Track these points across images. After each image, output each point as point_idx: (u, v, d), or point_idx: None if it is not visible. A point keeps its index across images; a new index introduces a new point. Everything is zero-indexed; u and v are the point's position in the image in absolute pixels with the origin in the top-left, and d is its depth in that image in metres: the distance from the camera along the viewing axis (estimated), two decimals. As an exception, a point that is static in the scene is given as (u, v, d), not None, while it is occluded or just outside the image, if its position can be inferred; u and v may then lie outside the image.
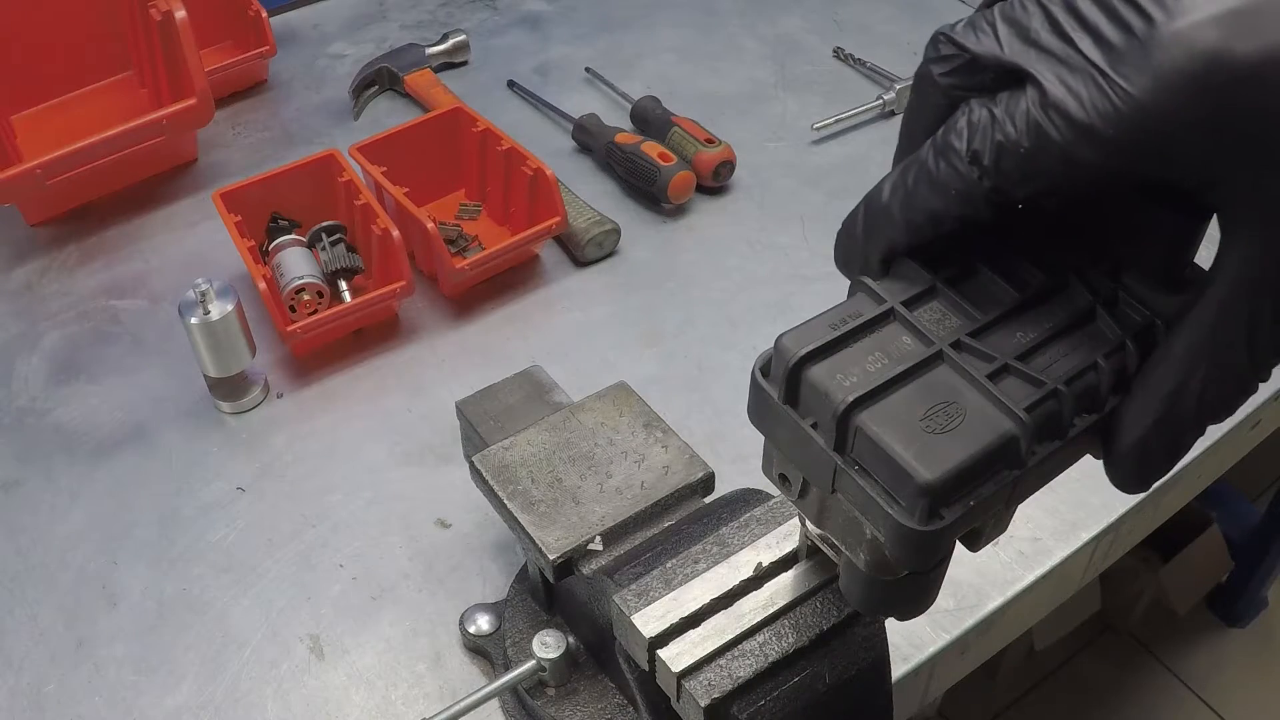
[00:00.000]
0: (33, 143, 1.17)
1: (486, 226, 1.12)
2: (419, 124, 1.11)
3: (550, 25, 1.41)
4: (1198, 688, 1.91)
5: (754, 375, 0.44)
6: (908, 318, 0.43)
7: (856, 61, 1.31)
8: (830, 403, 0.41)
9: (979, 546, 0.48)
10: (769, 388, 0.44)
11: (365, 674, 0.79)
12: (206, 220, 1.10)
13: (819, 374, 0.42)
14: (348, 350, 1.01)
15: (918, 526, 0.40)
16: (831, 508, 0.46)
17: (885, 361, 0.42)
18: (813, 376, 0.42)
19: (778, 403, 0.43)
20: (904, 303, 0.44)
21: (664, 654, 0.57)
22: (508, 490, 0.70)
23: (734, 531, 0.62)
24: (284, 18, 1.40)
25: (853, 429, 0.41)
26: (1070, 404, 0.42)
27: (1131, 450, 0.43)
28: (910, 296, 0.44)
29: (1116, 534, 0.89)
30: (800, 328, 0.43)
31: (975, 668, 0.88)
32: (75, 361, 1.01)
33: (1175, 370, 0.41)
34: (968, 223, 0.42)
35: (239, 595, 0.83)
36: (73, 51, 1.21)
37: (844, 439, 0.42)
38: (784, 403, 0.43)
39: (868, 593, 0.49)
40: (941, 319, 0.44)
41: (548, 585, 0.74)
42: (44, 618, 0.82)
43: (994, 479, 0.41)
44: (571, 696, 0.72)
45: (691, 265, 1.09)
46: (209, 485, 0.91)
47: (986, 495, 0.40)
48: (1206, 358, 0.41)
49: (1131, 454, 0.43)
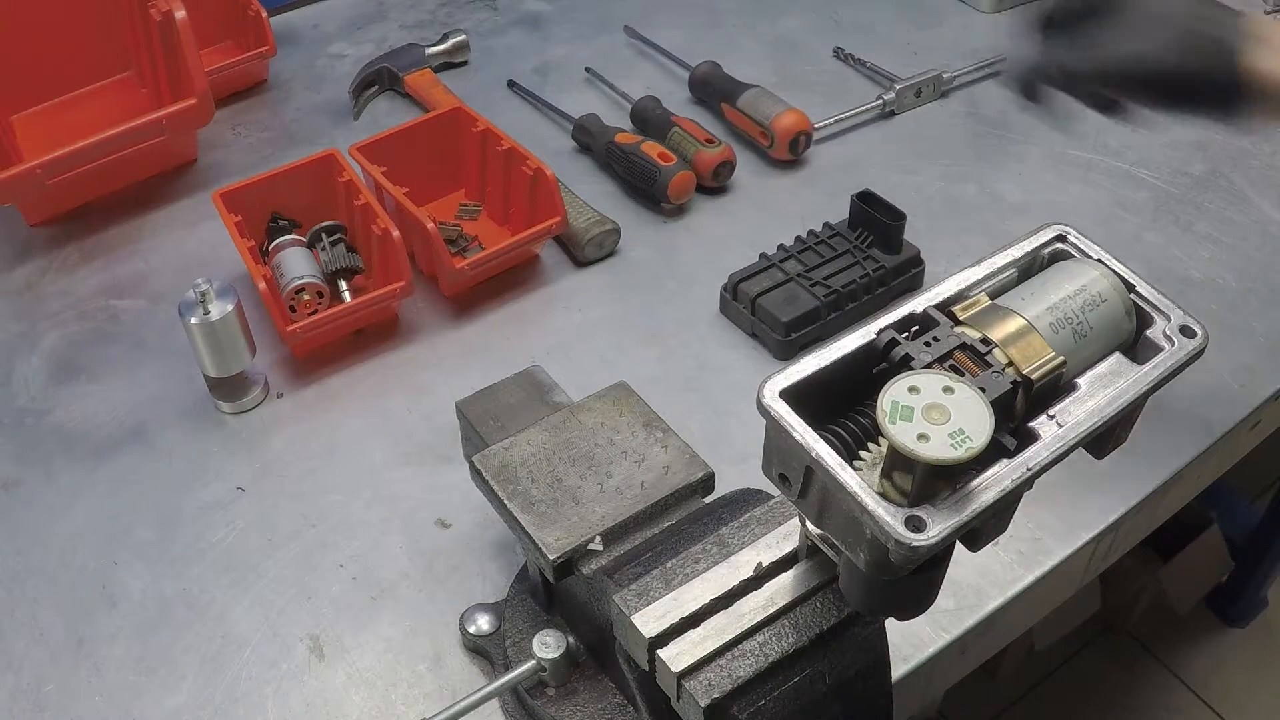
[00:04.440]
0: (32, 143, 1.17)
1: (486, 226, 1.12)
2: (419, 124, 1.11)
3: (550, 25, 1.41)
4: (1198, 687, 1.90)
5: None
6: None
7: (856, 61, 1.31)
8: None
9: (979, 546, 0.48)
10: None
11: (365, 674, 0.79)
12: (206, 220, 1.10)
13: None
14: (348, 350, 1.01)
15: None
16: (831, 507, 0.46)
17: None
18: None
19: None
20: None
21: (664, 654, 0.57)
22: (508, 490, 0.70)
23: (734, 531, 0.62)
24: (284, 18, 1.40)
25: None
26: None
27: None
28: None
29: (1116, 534, 0.89)
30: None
31: (975, 668, 0.88)
32: (75, 361, 1.01)
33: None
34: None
35: (239, 595, 0.83)
36: (72, 52, 1.21)
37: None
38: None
39: (868, 592, 0.49)
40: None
41: (548, 585, 0.74)
42: (44, 618, 0.82)
43: None
44: (571, 696, 0.72)
45: (691, 265, 1.08)
46: (209, 485, 0.91)
47: None
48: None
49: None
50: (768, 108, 1.17)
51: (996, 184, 1.17)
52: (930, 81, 1.27)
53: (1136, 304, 0.51)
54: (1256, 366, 0.98)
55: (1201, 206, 1.14)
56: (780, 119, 1.16)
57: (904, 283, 1.03)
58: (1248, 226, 1.12)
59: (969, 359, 0.46)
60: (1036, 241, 0.53)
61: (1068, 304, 0.49)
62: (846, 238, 1.04)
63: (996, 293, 0.51)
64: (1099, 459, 0.53)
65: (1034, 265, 0.53)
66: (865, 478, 0.45)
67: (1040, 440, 0.46)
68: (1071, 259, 0.52)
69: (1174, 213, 1.14)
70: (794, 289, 1.00)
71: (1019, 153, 1.21)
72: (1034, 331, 0.48)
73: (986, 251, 1.07)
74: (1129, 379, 0.49)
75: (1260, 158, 1.19)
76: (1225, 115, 1.10)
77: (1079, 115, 1.21)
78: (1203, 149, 1.20)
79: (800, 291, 0.99)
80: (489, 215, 1.13)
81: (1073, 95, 1.04)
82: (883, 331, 0.48)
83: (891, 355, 0.47)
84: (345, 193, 1.05)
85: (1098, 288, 0.50)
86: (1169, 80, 0.90)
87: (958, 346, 0.46)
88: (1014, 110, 1.26)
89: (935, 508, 0.43)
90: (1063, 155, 1.20)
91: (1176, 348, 0.50)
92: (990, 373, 0.46)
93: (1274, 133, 1.22)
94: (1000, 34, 1.36)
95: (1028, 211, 1.14)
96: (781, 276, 1.01)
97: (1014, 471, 0.45)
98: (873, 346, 0.48)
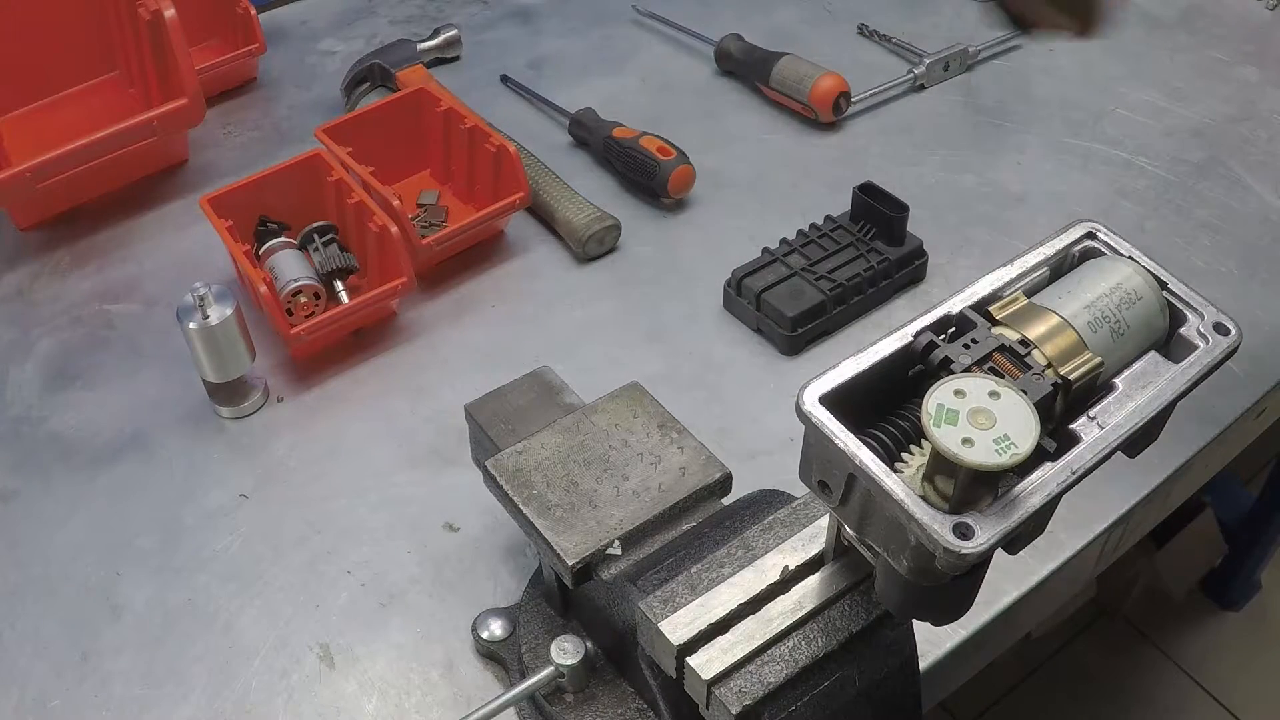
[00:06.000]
0: (20, 146, 1.15)
1: (452, 204, 1.12)
2: (383, 105, 1.12)
3: (541, 19, 1.39)
4: (1193, 671, 1.91)
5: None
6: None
7: (881, 38, 1.33)
8: None
9: (1018, 550, 0.48)
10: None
11: (377, 682, 0.78)
12: (199, 222, 1.08)
13: None
14: (347, 352, 1.00)
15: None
16: (874, 514, 0.46)
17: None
18: None
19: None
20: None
21: (693, 661, 0.56)
22: (523, 495, 0.69)
23: (758, 535, 0.61)
24: (271, 15, 1.38)
25: None
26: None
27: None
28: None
29: (1127, 525, 0.89)
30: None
31: (989, 662, 0.88)
32: (70, 368, 0.99)
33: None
34: None
35: (245, 604, 0.82)
36: (59, 52, 1.18)
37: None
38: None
39: (906, 598, 0.48)
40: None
41: (563, 590, 0.73)
42: (46, 631, 0.81)
43: None
44: (590, 702, 0.71)
45: (693, 260, 1.07)
46: (211, 492, 0.90)
47: None
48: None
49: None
50: (800, 81, 1.20)
51: (996, 174, 1.17)
52: (958, 55, 1.28)
53: (1169, 301, 0.51)
54: (1260, 354, 0.98)
55: (1201, 194, 1.14)
56: (816, 87, 1.19)
57: (908, 275, 1.03)
58: (1248, 214, 1.12)
59: (1008, 361, 0.45)
60: (1068, 239, 0.52)
61: (1104, 302, 0.48)
62: (849, 230, 1.03)
63: (1029, 292, 0.50)
64: (1132, 458, 0.52)
65: (1065, 263, 0.52)
66: (907, 483, 0.44)
67: (1083, 442, 0.45)
68: (1103, 256, 0.52)
69: (1174, 201, 1.13)
70: (798, 283, 0.99)
71: (1018, 142, 1.20)
72: (1072, 330, 0.47)
73: (989, 242, 1.08)
74: (1167, 377, 0.48)
75: (1258, 144, 1.19)
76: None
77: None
78: (1200, 135, 1.20)
79: (805, 286, 0.98)
80: (454, 193, 1.13)
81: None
82: (920, 334, 0.47)
83: (930, 358, 0.46)
84: (335, 192, 1.03)
85: (1132, 284, 0.49)
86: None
87: (997, 348, 0.45)
88: (1012, 99, 1.26)
89: (982, 514, 0.42)
90: (1061, 144, 1.20)
91: (1211, 345, 0.49)
92: (1030, 375, 0.45)
93: (1271, 118, 1.22)
94: (994, 22, 1.35)
95: (1029, 201, 1.13)
96: (785, 271, 1.00)
97: (1059, 475, 0.44)
98: (910, 349, 0.47)
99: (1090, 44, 1.34)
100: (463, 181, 1.12)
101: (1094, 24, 1.33)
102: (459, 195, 1.13)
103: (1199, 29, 1.36)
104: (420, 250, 1.01)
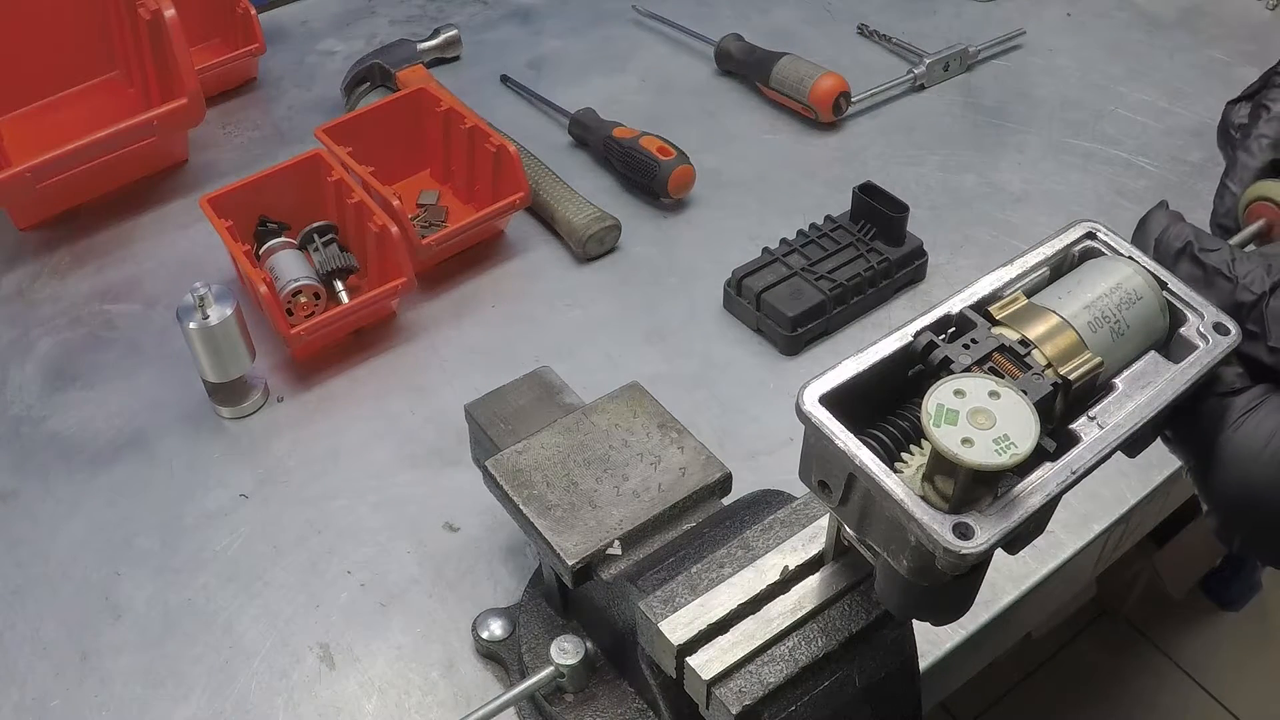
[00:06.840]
0: (19, 146, 1.15)
1: (452, 204, 1.12)
2: (384, 105, 1.11)
3: (541, 19, 1.39)
4: (1193, 671, 1.91)
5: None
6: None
7: (881, 37, 1.33)
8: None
9: (1017, 550, 0.48)
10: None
11: (377, 682, 0.78)
12: (198, 222, 1.08)
13: None
14: (347, 352, 1.00)
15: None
16: (874, 514, 0.45)
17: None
18: None
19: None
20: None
21: (693, 661, 0.56)
22: (523, 495, 0.69)
23: (758, 535, 0.61)
24: (271, 15, 1.38)
25: None
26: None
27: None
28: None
29: (1127, 525, 0.89)
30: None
31: (989, 662, 0.88)
32: (70, 368, 0.99)
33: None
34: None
35: (245, 604, 0.82)
36: (59, 52, 1.18)
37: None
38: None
39: (906, 598, 0.48)
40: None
41: (563, 590, 0.73)
42: (47, 631, 0.81)
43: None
44: (590, 702, 0.71)
45: (693, 260, 1.08)
46: (211, 492, 0.90)
47: None
48: None
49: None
50: (800, 81, 1.20)
51: (996, 174, 1.17)
52: (958, 55, 1.28)
53: (1169, 301, 0.51)
54: (1261, 354, 0.98)
55: (1201, 194, 1.13)
56: (816, 87, 1.18)
57: (908, 275, 1.03)
58: (1248, 213, 1.11)
59: (1008, 360, 0.45)
60: (1068, 239, 0.52)
61: (1104, 302, 0.48)
62: (849, 230, 1.03)
63: (1029, 292, 0.50)
64: (1132, 458, 0.52)
65: (1065, 263, 0.52)
66: (907, 483, 0.44)
67: (1082, 442, 0.45)
68: (1103, 256, 0.52)
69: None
70: (798, 283, 0.99)
71: (1018, 142, 1.20)
72: (1072, 330, 0.47)
73: (989, 242, 1.08)
74: (1167, 377, 0.48)
75: (1258, 144, 1.19)
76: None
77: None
78: (1200, 135, 1.20)
79: (805, 286, 0.98)
80: (454, 194, 1.13)
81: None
82: (920, 333, 0.47)
83: (930, 358, 0.46)
84: (335, 192, 1.03)
85: (1132, 285, 0.49)
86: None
87: (997, 348, 0.45)
88: (1012, 99, 1.26)
89: (982, 514, 0.42)
90: (1061, 144, 1.20)
91: (1211, 345, 0.49)
92: (1030, 375, 0.45)
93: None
94: (993, 22, 1.36)
95: (1029, 201, 1.13)
96: (785, 271, 1.00)
97: (1059, 475, 0.44)
98: (910, 349, 0.47)
99: (1090, 44, 1.34)
100: (463, 181, 1.12)
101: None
102: (459, 195, 1.13)
103: (1199, 29, 1.36)
104: (420, 250, 1.01)
